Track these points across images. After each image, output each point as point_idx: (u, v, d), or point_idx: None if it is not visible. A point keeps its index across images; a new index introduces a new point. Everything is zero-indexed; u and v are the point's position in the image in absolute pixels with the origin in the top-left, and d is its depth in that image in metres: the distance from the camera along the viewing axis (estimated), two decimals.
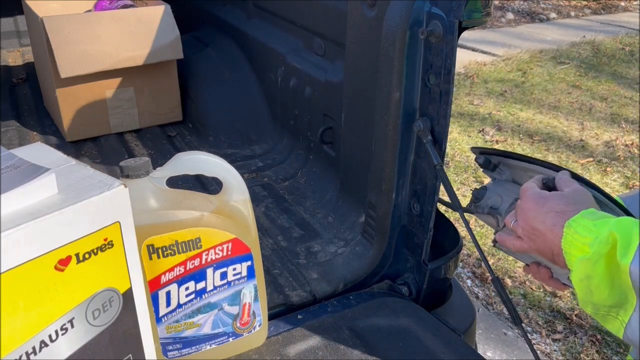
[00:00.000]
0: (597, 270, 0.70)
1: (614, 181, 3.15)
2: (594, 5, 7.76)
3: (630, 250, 0.67)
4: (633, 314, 0.70)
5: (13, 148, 0.74)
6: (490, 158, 1.02)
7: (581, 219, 0.74)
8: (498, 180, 1.04)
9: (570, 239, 0.74)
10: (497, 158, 1.02)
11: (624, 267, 0.67)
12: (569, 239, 0.74)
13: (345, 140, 1.39)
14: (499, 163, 1.03)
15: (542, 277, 0.90)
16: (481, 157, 1.02)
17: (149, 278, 0.87)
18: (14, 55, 2.72)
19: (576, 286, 0.74)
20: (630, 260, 0.66)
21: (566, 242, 0.75)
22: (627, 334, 0.71)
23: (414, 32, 1.06)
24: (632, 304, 0.70)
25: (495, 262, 2.50)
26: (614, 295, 0.71)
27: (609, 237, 0.69)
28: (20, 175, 0.64)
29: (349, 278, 1.25)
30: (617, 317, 0.72)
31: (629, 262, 0.67)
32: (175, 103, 2.02)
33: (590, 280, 0.71)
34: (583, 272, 0.72)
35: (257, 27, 1.92)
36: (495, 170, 1.03)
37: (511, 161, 1.00)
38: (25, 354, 0.63)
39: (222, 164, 0.91)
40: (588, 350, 2.04)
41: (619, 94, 4.47)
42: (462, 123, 3.85)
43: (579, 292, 0.74)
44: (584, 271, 0.72)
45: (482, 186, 1.05)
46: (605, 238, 0.69)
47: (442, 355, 1.03)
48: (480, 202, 1.02)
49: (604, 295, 0.71)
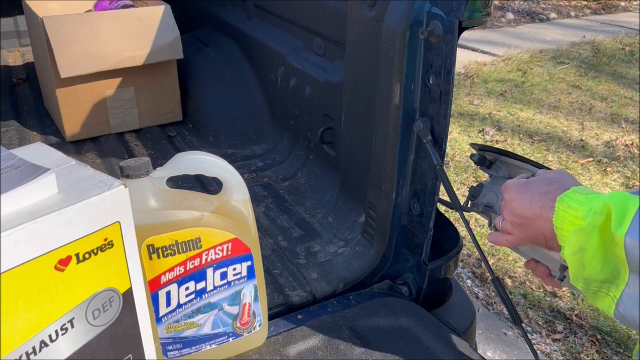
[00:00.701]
0: (590, 242, 0.68)
1: (614, 181, 3.15)
2: (594, 5, 7.76)
3: (625, 221, 0.65)
4: (625, 289, 0.67)
5: (13, 148, 0.74)
6: (486, 155, 1.02)
7: (573, 194, 0.73)
8: (495, 178, 1.04)
9: (562, 213, 0.73)
10: (492, 155, 1.02)
11: (619, 238, 0.65)
12: (560, 214, 0.73)
13: (345, 140, 1.39)
14: (495, 160, 1.03)
15: (540, 274, 0.89)
16: (476, 155, 1.03)
17: (149, 278, 0.87)
18: (14, 55, 2.72)
19: (568, 260, 0.72)
20: (626, 231, 0.64)
21: (558, 217, 0.73)
22: (618, 310, 0.69)
23: (414, 32, 1.06)
24: (623, 279, 0.67)
25: (495, 262, 2.50)
26: (606, 269, 0.68)
27: (603, 208, 0.67)
28: (20, 175, 0.64)
29: (349, 278, 1.25)
30: (608, 293, 0.70)
31: (623, 233, 0.64)
32: (175, 103, 2.02)
33: (584, 253, 0.69)
34: (576, 244, 0.70)
35: (257, 27, 1.93)
36: (492, 167, 1.03)
37: (506, 158, 1.00)
38: (25, 354, 0.63)
39: (222, 164, 0.91)
40: (588, 350, 2.04)
41: (619, 94, 4.47)
42: (462, 123, 3.85)
43: (571, 267, 0.72)
44: (577, 243, 0.70)
45: (478, 184, 1.05)
46: (600, 209, 0.67)
47: (442, 355, 1.03)
48: (476, 200, 1.03)
49: (596, 269, 0.69)
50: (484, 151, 1.03)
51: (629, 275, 0.67)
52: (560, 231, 0.73)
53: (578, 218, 0.70)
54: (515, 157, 0.98)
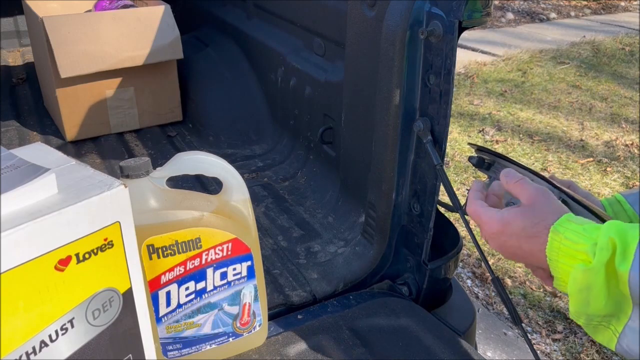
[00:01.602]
0: (597, 280, 0.65)
1: (614, 181, 3.15)
2: (594, 5, 7.76)
3: (627, 256, 0.63)
4: (628, 323, 0.66)
5: (13, 148, 0.74)
6: (483, 156, 1.02)
7: (568, 223, 0.70)
8: (494, 179, 1.04)
9: (557, 244, 0.70)
10: (490, 157, 1.02)
11: (622, 274, 0.63)
12: (555, 245, 0.70)
13: (345, 140, 1.39)
14: (494, 161, 1.03)
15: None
16: (474, 157, 1.02)
17: (149, 278, 0.87)
18: (14, 55, 2.72)
19: (573, 297, 0.69)
20: (629, 267, 0.63)
21: (552, 249, 0.70)
22: (620, 344, 0.67)
23: (414, 32, 1.06)
24: (626, 313, 0.66)
25: (495, 262, 2.50)
26: (609, 304, 0.67)
27: (608, 243, 0.64)
28: (20, 175, 0.64)
29: (349, 278, 1.25)
30: (609, 326, 0.68)
31: (627, 269, 0.63)
32: (175, 103, 2.02)
33: (590, 291, 0.67)
34: (584, 282, 0.67)
35: (257, 27, 1.93)
36: (490, 168, 1.03)
37: (503, 161, 1.00)
38: (25, 354, 0.63)
39: (222, 164, 0.91)
40: (588, 350, 2.04)
41: (619, 94, 4.47)
42: (462, 123, 3.85)
43: (575, 304, 0.69)
44: (584, 282, 0.67)
45: None
46: (606, 244, 0.64)
47: (442, 355, 1.03)
48: None
49: (600, 305, 0.67)
50: (482, 152, 1.03)
51: (631, 310, 0.66)
52: (555, 263, 0.71)
53: (579, 252, 0.68)
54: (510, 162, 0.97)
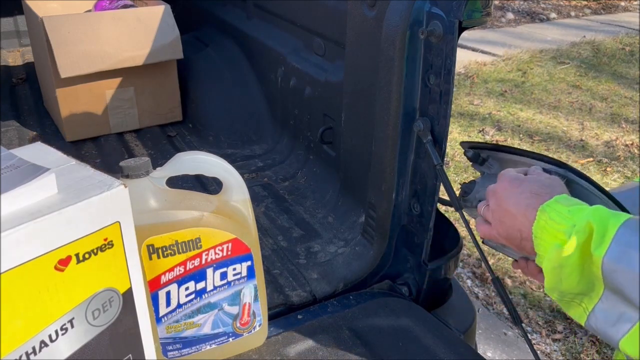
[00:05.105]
0: (570, 260, 0.69)
1: (614, 181, 3.15)
2: (594, 5, 7.76)
3: (604, 242, 0.66)
4: (598, 304, 0.69)
5: (13, 148, 0.74)
6: (480, 152, 1.02)
7: (555, 204, 0.73)
8: (487, 175, 1.04)
9: (542, 224, 0.73)
10: (486, 152, 1.02)
11: (597, 258, 0.66)
12: (541, 223, 0.73)
13: (345, 140, 1.39)
14: (488, 157, 1.03)
15: (531, 272, 0.88)
16: (470, 151, 1.02)
17: (149, 278, 0.87)
18: (14, 55, 2.72)
19: (547, 274, 0.73)
20: (604, 253, 0.65)
21: (538, 226, 0.73)
22: (589, 322, 0.71)
23: (414, 32, 1.06)
24: (597, 294, 0.69)
25: (495, 262, 2.50)
26: (582, 283, 0.70)
27: (585, 227, 0.67)
28: (20, 175, 0.64)
29: (349, 278, 1.25)
30: (581, 304, 0.72)
31: (602, 255, 0.65)
32: (175, 103, 2.02)
33: (562, 270, 0.70)
34: (557, 260, 0.70)
35: (257, 27, 1.93)
36: (484, 164, 1.03)
37: (500, 154, 1.00)
38: (25, 354, 0.63)
39: (222, 164, 0.91)
40: (588, 350, 2.04)
41: (619, 94, 4.47)
42: (462, 123, 3.85)
43: (549, 280, 0.73)
44: (557, 260, 0.70)
45: (471, 180, 1.05)
46: (582, 227, 0.68)
47: (442, 355, 1.03)
48: (468, 196, 1.02)
49: (572, 284, 0.70)
50: (476, 149, 1.03)
51: (603, 291, 0.68)
52: (539, 240, 0.74)
53: (559, 232, 0.71)
54: (510, 150, 0.97)
